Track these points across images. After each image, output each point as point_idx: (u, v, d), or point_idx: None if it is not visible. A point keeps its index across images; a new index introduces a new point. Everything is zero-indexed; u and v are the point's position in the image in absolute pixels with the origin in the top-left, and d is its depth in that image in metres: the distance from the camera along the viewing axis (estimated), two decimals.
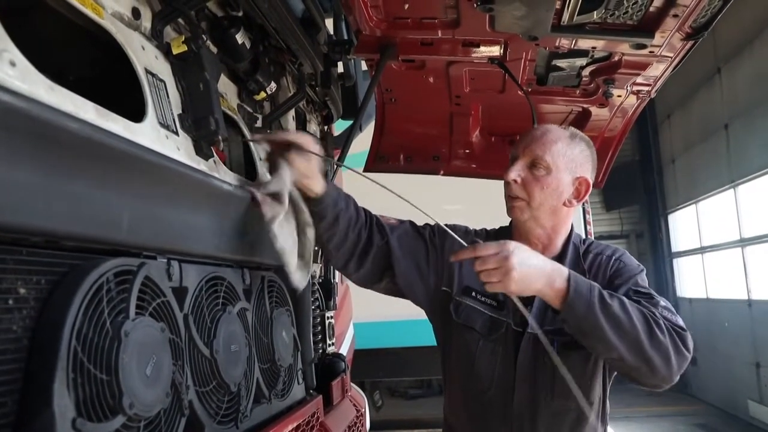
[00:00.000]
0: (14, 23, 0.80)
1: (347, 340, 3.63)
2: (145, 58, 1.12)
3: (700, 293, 9.65)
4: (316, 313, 2.16)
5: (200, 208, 1.20)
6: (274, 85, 1.69)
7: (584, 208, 5.86)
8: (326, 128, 2.51)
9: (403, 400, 8.52)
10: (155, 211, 1.04)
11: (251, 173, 1.61)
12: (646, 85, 1.88)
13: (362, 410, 2.49)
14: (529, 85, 1.94)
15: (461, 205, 5.26)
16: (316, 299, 2.17)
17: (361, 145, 2.33)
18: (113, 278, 0.92)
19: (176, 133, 1.16)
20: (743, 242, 7.87)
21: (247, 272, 1.46)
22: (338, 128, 2.85)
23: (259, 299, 1.52)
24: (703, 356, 8.60)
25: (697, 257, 9.73)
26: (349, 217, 1.52)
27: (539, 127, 1.58)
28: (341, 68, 2.41)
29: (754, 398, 7.63)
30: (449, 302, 1.58)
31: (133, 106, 1.06)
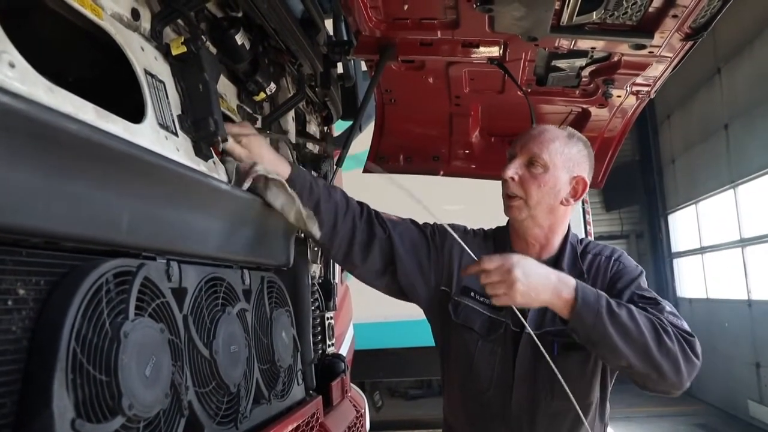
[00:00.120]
0: (13, 24, 0.80)
1: (347, 340, 3.62)
2: (144, 59, 1.12)
3: (700, 293, 9.65)
4: (315, 313, 2.15)
5: (200, 208, 1.20)
6: (273, 85, 1.69)
7: (584, 208, 5.84)
8: (326, 129, 2.50)
9: (403, 400, 8.51)
10: (155, 212, 1.04)
11: None
12: (645, 85, 1.88)
13: (362, 411, 2.49)
14: (528, 85, 1.94)
15: (462, 205, 5.26)
16: (315, 300, 2.17)
17: (360, 145, 2.33)
18: (113, 279, 0.92)
19: (175, 134, 1.17)
20: (743, 242, 7.87)
21: (246, 273, 1.46)
22: (338, 129, 2.85)
23: (258, 300, 1.52)
24: (703, 356, 8.53)
25: (697, 257, 9.73)
26: (334, 204, 1.51)
27: (537, 126, 1.58)
28: (341, 69, 2.41)
29: (754, 398, 7.63)
30: (448, 302, 1.58)
31: (132, 107, 1.06)
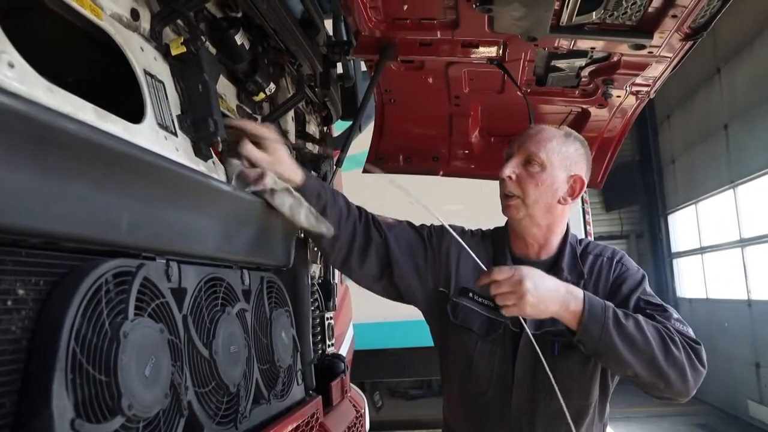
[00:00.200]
0: (13, 24, 0.80)
1: (347, 340, 3.62)
2: (143, 59, 1.12)
3: (699, 293, 9.65)
4: (315, 313, 2.15)
5: (199, 209, 1.20)
6: (273, 86, 1.69)
7: (584, 208, 5.83)
8: (325, 129, 2.50)
9: (403, 400, 8.50)
10: (154, 212, 1.04)
11: None
12: (645, 85, 1.88)
13: (362, 411, 2.49)
14: (528, 85, 1.94)
15: (461, 205, 5.26)
16: (315, 300, 2.17)
17: (360, 145, 2.33)
18: (112, 279, 0.92)
19: (175, 134, 1.17)
20: (743, 242, 7.87)
21: (246, 273, 1.46)
22: (338, 129, 2.85)
23: (258, 300, 1.52)
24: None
25: (696, 257, 9.73)
26: (338, 209, 1.52)
27: (534, 126, 1.59)
28: (340, 69, 2.41)
29: (754, 398, 7.63)
30: (446, 303, 1.58)
31: (131, 107, 1.06)
